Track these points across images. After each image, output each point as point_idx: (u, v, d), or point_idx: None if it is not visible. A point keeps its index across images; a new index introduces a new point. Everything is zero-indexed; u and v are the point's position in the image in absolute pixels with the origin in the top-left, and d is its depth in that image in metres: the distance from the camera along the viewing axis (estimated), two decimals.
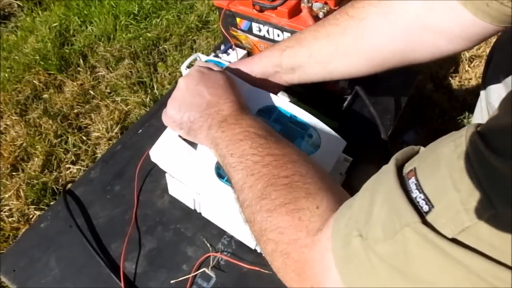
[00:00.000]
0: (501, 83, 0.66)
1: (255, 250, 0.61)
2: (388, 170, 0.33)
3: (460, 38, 0.50)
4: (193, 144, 0.60)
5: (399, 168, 0.33)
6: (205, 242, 0.63)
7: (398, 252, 0.28)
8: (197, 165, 0.59)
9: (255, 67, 0.65)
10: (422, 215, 0.28)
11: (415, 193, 0.29)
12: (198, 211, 0.66)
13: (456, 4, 0.46)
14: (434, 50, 0.53)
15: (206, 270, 0.60)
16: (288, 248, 0.38)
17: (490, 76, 0.69)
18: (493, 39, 0.72)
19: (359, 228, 0.32)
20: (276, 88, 0.67)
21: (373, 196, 0.33)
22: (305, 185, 0.41)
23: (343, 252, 0.33)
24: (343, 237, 0.33)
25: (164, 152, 0.61)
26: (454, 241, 0.26)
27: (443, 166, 0.28)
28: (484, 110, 0.73)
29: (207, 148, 0.58)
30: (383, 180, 0.33)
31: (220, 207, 0.59)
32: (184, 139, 0.60)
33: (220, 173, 0.58)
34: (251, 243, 0.61)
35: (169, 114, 0.58)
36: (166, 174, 0.63)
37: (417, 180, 0.29)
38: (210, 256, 0.61)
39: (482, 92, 0.74)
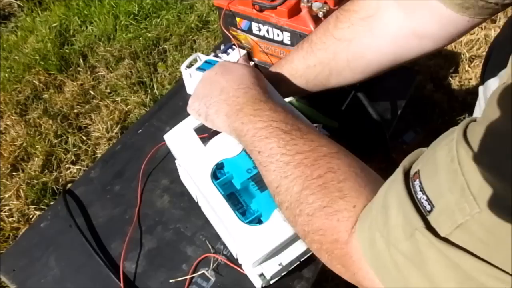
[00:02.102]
0: (499, 82, 0.66)
1: None
2: (397, 176, 0.36)
3: (442, 37, 0.52)
4: (206, 141, 0.61)
5: (408, 171, 0.36)
6: (205, 242, 0.63)
7: (416, 252, 0.31)
8: (200, 161, 0.59)
9: None
10: (425, 217, 0.31)
11: (419, 194, 0.32)
12: (199, 204, 0.66)
13: (436, 3, 0.48)
14: (420, 51, 0.55)
15: (205, 271, 0.60)
16: (331, 246, 0.41)
17: (488, 75, 0.69)
18: (492, 38, 0.72)
19: (380, 230, 0.35)
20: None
21: (386, 201, 0.36)
22: (340, 184, 0.42)
23: (370, 252, 0.37)
24: (369, 239, 0.37)
25: (177, 139, 0.62)
26: (449, 240, 0.29)
27: (440, 169, 0.31)
28: (483, 109, 0.73)
29: (216, 147, 0.59)
30: (394, 185, 0.36)
31: (210, 208, 0.58)
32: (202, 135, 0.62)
33: (217, 174, 0.58)
34: (235, 251, 0.60)
35: (189, 104, 0.60)
36: (176, 160, 0.65)
37: (420, 182, 0.32)
38: (209, 256, 0.61)
39: (481, 91, 0.74)
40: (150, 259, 0.62)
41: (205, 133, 0.64)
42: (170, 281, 0.59)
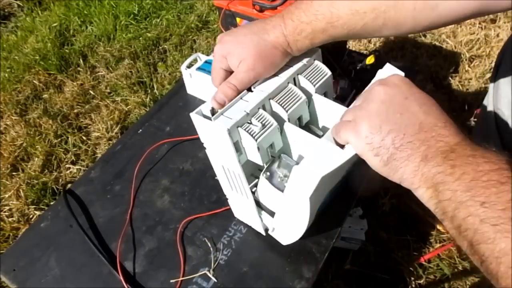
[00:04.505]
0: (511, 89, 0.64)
1: (255, 249, 0.62)
2: None
3: None
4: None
5: None
6: (205, 242, 0.63)
7: None
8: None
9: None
10: None
11: None
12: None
13: None
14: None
15: (206, 270, 0.60)
16: None
17: (499, 81, 0.68)
18: (492, 38, 0.72)
19: None
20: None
21: None
22: None
23: None
24: None
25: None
26: None
27: None
28: (492, 115, 0.72)
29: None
30: None
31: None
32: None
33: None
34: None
35: (363, 133, 0.42)
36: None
37: None
38: (210, 255, 0.61)
39: (490, 97, 0.72)
40: (151, 259, 0.62)
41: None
42: (171, 281, 0.59)
